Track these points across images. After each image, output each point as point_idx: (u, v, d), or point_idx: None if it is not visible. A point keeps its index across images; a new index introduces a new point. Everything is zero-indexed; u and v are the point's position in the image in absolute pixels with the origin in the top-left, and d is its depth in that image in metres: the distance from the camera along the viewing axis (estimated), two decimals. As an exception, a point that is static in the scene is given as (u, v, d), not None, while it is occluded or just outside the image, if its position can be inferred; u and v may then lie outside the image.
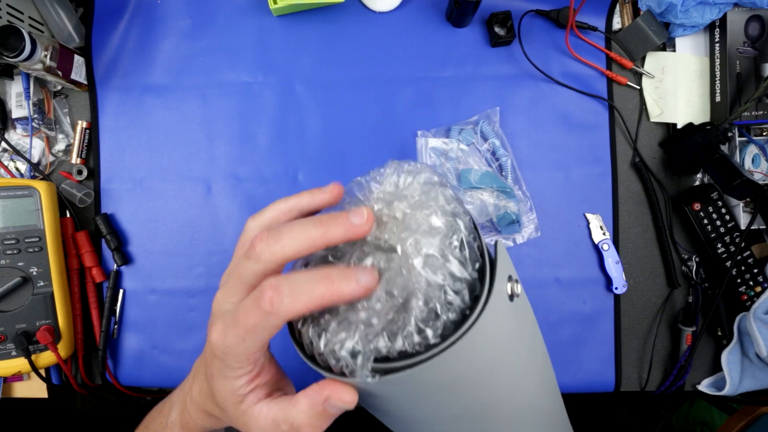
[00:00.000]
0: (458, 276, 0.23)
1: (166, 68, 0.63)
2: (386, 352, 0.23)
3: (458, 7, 0.58)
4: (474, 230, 0.27)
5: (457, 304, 0.23)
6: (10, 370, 0.56)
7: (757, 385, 0.59)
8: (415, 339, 0.23)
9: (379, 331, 0.23)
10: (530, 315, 0.31)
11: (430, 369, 0.23)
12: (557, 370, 0.63)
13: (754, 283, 0.61)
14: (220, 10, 0.63)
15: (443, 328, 0.23)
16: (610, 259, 0.62)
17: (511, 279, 0.26)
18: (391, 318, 0.23)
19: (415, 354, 0.23)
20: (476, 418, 0.29)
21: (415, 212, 0.25)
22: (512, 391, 0.29)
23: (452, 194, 0.27)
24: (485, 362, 0.25)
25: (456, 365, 0.24)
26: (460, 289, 0.24)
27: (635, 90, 0.63)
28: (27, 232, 0.56)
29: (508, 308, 0.25)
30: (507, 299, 0.25)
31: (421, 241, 0.23)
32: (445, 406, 0.27)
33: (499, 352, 0.26)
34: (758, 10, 0.59)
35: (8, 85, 0.62)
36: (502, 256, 0.26)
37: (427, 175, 0.27)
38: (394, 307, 0.23)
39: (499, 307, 0.24)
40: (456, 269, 0.23)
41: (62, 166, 0.64)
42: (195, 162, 0.63)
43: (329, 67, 0.63)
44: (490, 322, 0.24)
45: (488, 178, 0.58)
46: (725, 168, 0.56)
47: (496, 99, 0.63)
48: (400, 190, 0.26)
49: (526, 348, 0.30)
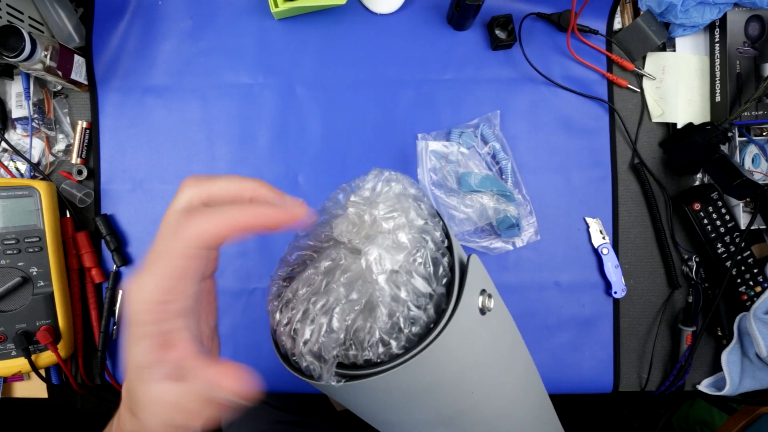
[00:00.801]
0: (422, 292, 0.24)
1: (167, 69, 0.63)
2: (354, 360, 0.24)
3: (459, 10, 0.58)
4: (444, 246, 0.27)
5: (421, 318, 0.24)
6: (10, 370, 0.56)
7: (757, 385, 0.59)
8: (380, 349, 0.24)
9: (340, 338, 0.24)
10: (507, 327, 0.31)
11: (393, 377, 0.24)
12: (556, 372, 0.63)
13: (754, 283, 0.61)
14: (221, 11, 0.63)
15: (406, 340, 0.24)
16: (610, 263, 0.62)
17: (484, 293, 0.27)
18: (355, 324, 0.24)
19: (380, 363, 0.24)
20: (449, 423, 0.30)
21: (383, 223, 0.26)
22: (487, 400, 0.30)
23: (427, 208, 0.27)
24: (451, 372, 0.26)
25: (418, 375, 0.25)
26: (424, 305, 0.24)
27: (636, 92, 0.64)
28: (27, 232, 0.56)
29: (478, 322, 0.26)
30: (477, 313, 0.26)
31: (385, 256, 0.24)
32: (415, 411, 0.28)
33: (466, 363, 0.26)
34: (758, 10, 0.59)
35: (8, 85, 0.62)
36: (474, 271, 0.26)
37: (402, 186, 0.28)
38: (353, 309, 0.24)
39: (466, 322, 0.25)
40: (420, 285, 0.24)
41: (62, 166, 0.64)
42: (195, 163, 0.63)
43: (330, 68, 0.63)
44: (454, 336, 0.24)
45: (488, 181, 0.58)
46: (725, 168, 0.56)
47: (497, 102, 0.63)
48: (375, 196, 0.27)
49: (501, 359, 0.30)
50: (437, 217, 0.29)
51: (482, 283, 0.27)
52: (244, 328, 0.63)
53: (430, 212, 0.28)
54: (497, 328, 0.29)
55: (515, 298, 0.62)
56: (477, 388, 0.29)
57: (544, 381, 0.62)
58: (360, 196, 0.27)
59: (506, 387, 0.32)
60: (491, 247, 0.61)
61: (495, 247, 0.61)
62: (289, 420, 0.71)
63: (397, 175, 0.29)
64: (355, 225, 0.27)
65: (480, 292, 0.26)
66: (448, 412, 0.29)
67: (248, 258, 0.63)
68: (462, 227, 0.59)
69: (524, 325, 0.62)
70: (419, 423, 0.30)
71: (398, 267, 0.24)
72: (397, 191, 0.27)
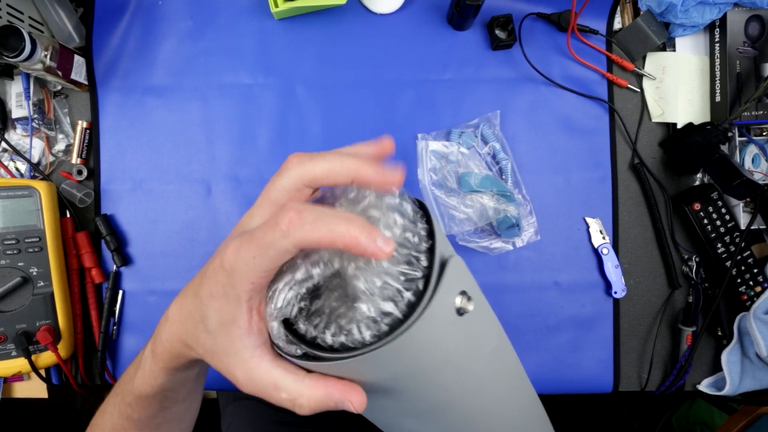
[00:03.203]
0: (396, 287, 0.25)
1: (167, 69, 0.63)
2: (331, 343, 0.26)
3: (459, 10, 0.58)
4: (425, 242, 0.28)
5: (394, 312, 0.25)
6: (10, 371, 0.56)
7: (757, 385, 0.59)
8: (355, 336, 0.25)
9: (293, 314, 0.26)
10: (491, 332, 0.32)
11: (354, 363, 0.25)
12: (556, 372, 0.63)
13: (754, 283, 0.61)
14: (221, 11, 0.63)
15: (378, 331, 0.25)
16: (610, 263, 0.62)
17: (464, 294, 0.27)
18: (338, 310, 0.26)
19: (353, 349, 0.26)
20: (421, 416, 0.32)
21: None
22: (463, 400, 0.31)
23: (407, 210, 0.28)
24: (420, 368, 0.27)
25: (384, 365, 0.26)
26: (395, 299, 0.25)
27: (636, 92, 0.64)
28: (27, 232, 0.56)
29: (453, 322, 0.27)
30: (453, 314, 0.27)
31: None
32: (385, 399, 0.30)
33: (436, 360, 0.27)
34: (758, 10, 0.59)
35: (8, 85, 0.62)
36: (454, 272, 0.27)
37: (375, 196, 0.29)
38: (317, 280, 0.26)
39: (439, 320, 0.26)
40: (394, 280, 0.25)
41: (62, 166, 0.64)
42: (195, 163, 0.63)
43: (330, 69, 0.63)
44: (423, 333, 0.25)
45: (488, 181, 0.58)
46: (725, 168, 0.56)
47: (497, 102, 0.63)
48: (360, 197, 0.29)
49: (481, 363, 0.31)
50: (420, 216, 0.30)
51: (463, 284, 0.28)
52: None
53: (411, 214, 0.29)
54: (477, 332, 0.30)
55: (515, 298, 0.62)
56: (452, 387, 0.30)
57: (544, 381, 0.62)
58: (345, 197, 0.29)
59: (487, 391, 0.33)
60: (491, 247, 0.61)
61: (495, 247, 0.61)
62: (288, 420, 0.71)
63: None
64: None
65: (459, 293, 0.27)
66: (419, 404, 0.30)
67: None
68: (462, 227, 0.59)
69: (524, 325, 0.62)
70: (388, 411, 0.32)
71: (371, 263, 0.25)
72: (372, 202, 0.28)
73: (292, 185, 0.25)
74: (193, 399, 0.38)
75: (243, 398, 0.75)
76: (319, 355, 0.26)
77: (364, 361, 0.25)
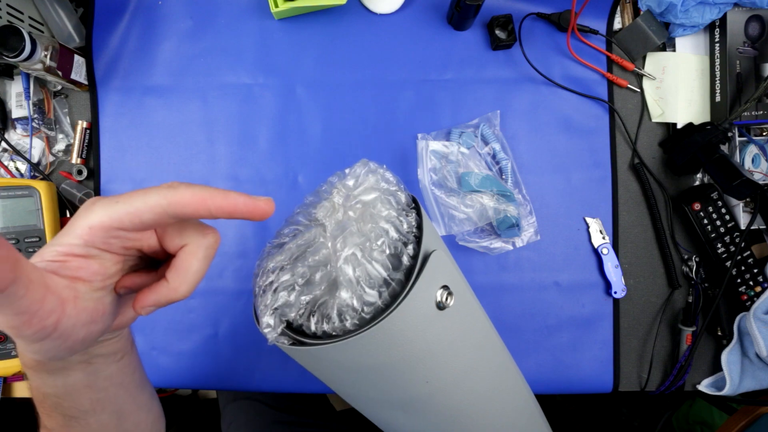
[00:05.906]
0: (378, 277, 0.26)
1: (167, 69, 0.63)
2: (315, 330, 0.27)
3: (459, 10, 0.58)
4: (412, 236, 0.29)
5: (376, 302, 0.26)
6: (10, 370, 0.56)
7: (757, 385, 0.59)
8: (336, 324, 0.26)
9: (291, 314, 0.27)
10: (475, 328, 0.32)
11: (333, 350, 0.26)
12: (556, 372, 0.63)
13: (754, 283, 0.61)
14: (221, 11, 0.63)
15: (359, 319, 0.26)
16: (610, 263, 0.62)
17: (445, 289, 0.28)
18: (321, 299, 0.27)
19: (335, 336, 0.26)
20: (405, 407, 0.32)
21: (349, 211, 0.29)
22: (445, 392, 0.32)
23: (401, 199, 0.30)
24: (398, 358, 0.28)
25: (363, 353, 0.27)
26: (379, 288, 0.26)
27: (636, 92, 0.64)
28: (27, 232, 0.56)
29: (433, 315, 0.27)
30: (432, 307, 0.27)
31: (348, 240, 0.27)
32: (367, 388, 0.31)
33: (415, 352, 0.28)
34: (758, 10, 0.59)
35: (8, 85, 0.62)
36: (437, 265, 0.28)
37: (376, 179, 0.30)
38: (305, 275, 0.27)
39: (417, 312, 0.26)
40: (376, 271, 0.26)
41: (62, 166, 0.64)
42: (195, 163, 0.63)
43: (330, 69, 0.63)
44: (401, 323, 0.26)
45: (488, 181, 0.58)
46: (725, 168, 0.56)
47: (497, 102, 0.63)
48: (356, 185, 0.30)
49: (463, 357, 0.31)
50: (413, 209, 0.30)
51: (445, 279, 0.28)
52: (244, 328, 0.63)
53: (404, 204, 0.30)
54: (459, 327, 0.30)
55: (515, 298, 0.62)
56: (433, 380, 0.30)
57: (544, 381, 0.62)
58: (343, 184, 0.30)
59: (470, 387, 0.33)
60: (491, 247, 0.61)
61: (495, 247, 0.61)
62: (288, 420, 0.71)
63: (377, 167, 0.31)
64: (331, 210, 0.30)
65: (441, 287, 0.27)
66: (401, 395, 0.31)
67: (248, 258, 0.63)
68: (462, 227, 0.59)
69: (524, 325, 0.62)
70: (373, 401, 0.33)
71: (358, 252, 0.26)
72: (371, 183, 0.29)
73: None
74: (122, 413, 0.33)
75: (243, 398, 0.75)
76: (304, 341, 0.27)
77: (346, 348, 0.26)
